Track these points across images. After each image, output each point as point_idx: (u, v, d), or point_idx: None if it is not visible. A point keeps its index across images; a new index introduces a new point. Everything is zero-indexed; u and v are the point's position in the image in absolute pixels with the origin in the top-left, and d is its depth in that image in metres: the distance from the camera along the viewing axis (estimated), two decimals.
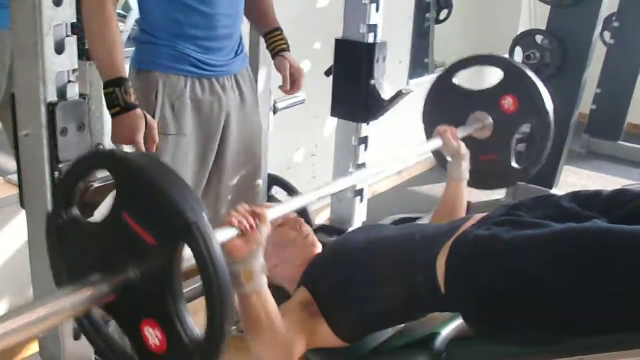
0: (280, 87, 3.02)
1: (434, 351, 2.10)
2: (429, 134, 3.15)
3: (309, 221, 2.97)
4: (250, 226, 1.84)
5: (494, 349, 1.99)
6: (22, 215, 2.37)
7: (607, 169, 6.43)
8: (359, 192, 3.68)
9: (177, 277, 1.53)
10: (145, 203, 1.53)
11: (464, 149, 2.77)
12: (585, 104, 5.99)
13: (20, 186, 2.31)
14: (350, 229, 3.59)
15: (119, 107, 2.36)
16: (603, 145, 6.84)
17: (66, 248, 1.81)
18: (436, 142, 2.81)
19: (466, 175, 2.77)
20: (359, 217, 3.76)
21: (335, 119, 3.60)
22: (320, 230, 3.50)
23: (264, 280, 1.92)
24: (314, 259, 2.31)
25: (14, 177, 2.37)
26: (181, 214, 1.44)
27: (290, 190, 3.55)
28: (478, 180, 2.95)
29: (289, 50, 3.01)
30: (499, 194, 5.36)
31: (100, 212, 1.88)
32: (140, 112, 2.40)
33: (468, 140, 2.91)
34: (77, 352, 2.44)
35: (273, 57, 3.00)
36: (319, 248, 2.38)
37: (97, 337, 1.79)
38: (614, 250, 1.75)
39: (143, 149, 2.42)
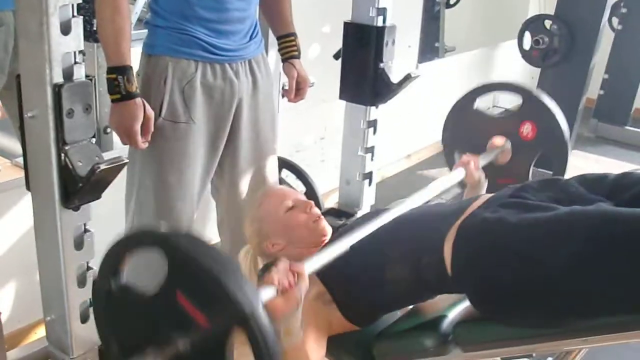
0: (284, 91, 3.03)
1: (440, 333, 2.10)
2: (449, 157, 3.16)
3: (318, 205, 2.95)
4: (290, 284, 1.82)
5: (499, 331, 1.99)
6: (28, 198, 2.37)
7: (615, 153, 6.42)
8: (368, 176, 3.67)
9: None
10: (199, 287, 1.53)
11: (484, 180, 2.76)
12: (593, 90, 6.03)
13: (26, 169, 2.30)
14: (359, 213, 3.59)
15: (119, 95, 2.35)
16: (611, 130, 6.85)
17: (114, 316, 1.80)
18: (460, 173, 2.78)
19: None
20: (368, 200, 3.74)
21: (344, 103, 3.59)
22: (328, 213, 3.50)
23: (302, 336, 1.94)
24: (323, 247, 2.30)
25: (21, 160, 2.36)
26: (238, 303, 1.46)
27: (299, 174, 3.53)
28: None
29: (299, 58, 3.01)
30: None
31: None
32: (140, 102, 2.40)
33: (487, 165, 2.90)
34: (84, 335, 2.44)
35: (283, 61, 3.00)
36: (329, 231, 2.37)
37: None
38: (618, 233, 1.74)
39: (139, 138, 2.43)
